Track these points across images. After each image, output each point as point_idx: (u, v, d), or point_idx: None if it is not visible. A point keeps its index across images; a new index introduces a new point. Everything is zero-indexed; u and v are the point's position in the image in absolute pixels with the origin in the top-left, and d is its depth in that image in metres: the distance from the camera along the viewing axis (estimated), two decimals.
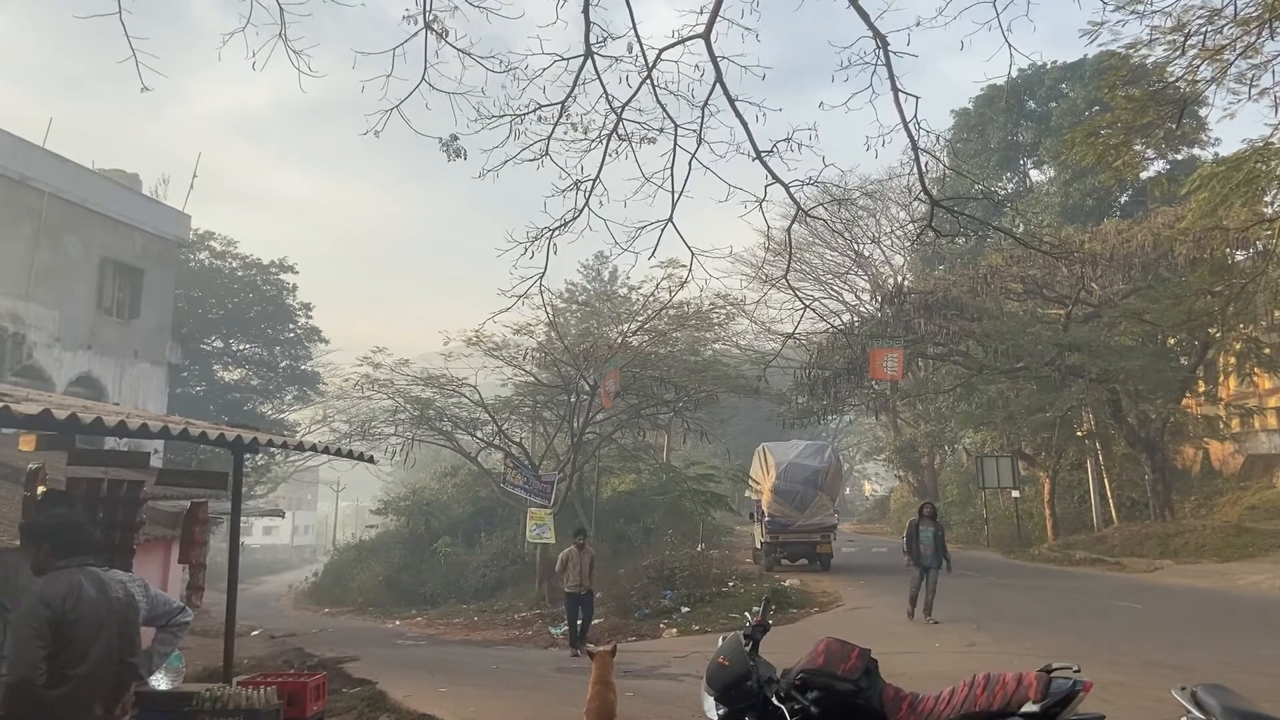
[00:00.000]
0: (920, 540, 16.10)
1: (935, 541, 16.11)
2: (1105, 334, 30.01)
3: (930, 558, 16.03)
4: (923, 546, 16.06)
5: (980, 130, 47.08)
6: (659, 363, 32.91)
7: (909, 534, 16.39)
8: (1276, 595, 17.81)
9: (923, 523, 16.30)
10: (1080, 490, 36.70)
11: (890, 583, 24.04)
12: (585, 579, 16.02)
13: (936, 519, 16.55)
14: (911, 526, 16.48)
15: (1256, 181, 18.61)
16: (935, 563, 16.01)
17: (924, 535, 16.13)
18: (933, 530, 16.19)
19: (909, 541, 16.31)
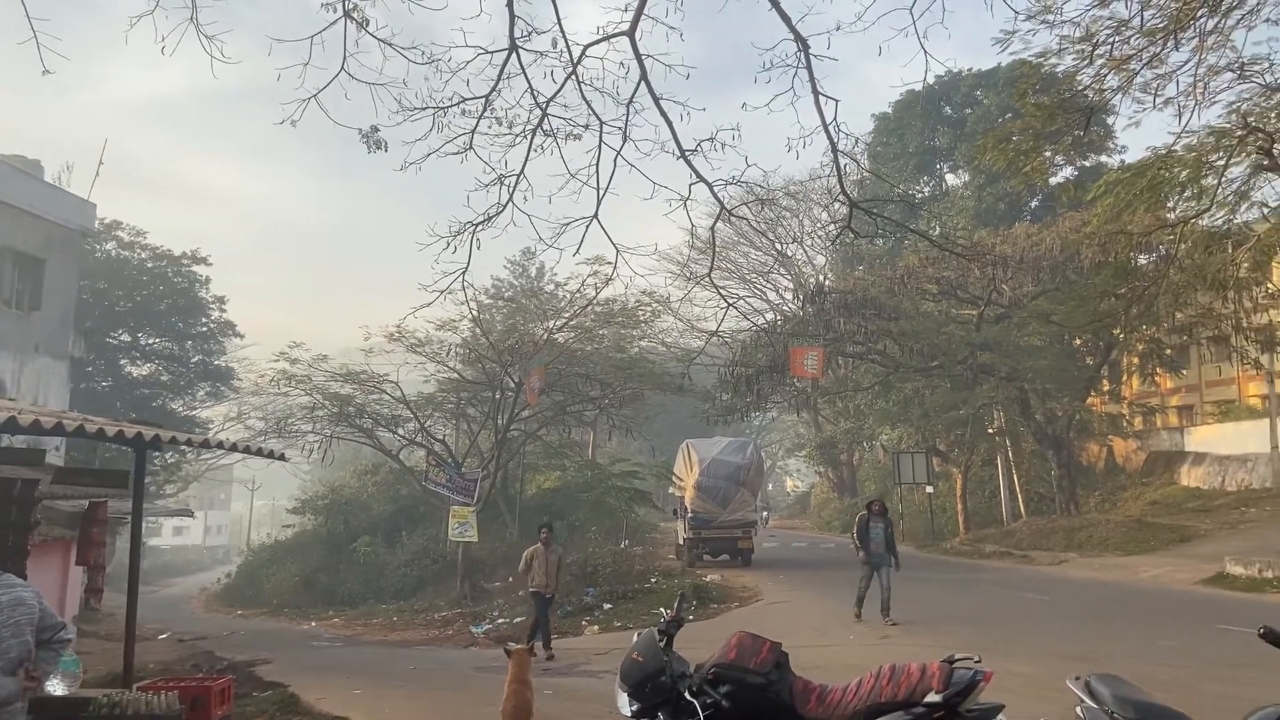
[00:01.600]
0: (871, 537, 15.42)
1: (886, 538, 15.43)
2: (1015, 334, 30.98)
3: (881, 555, 15.35)
4: (873, 543, 15.38)
5: (899, 134, 48.10)
6: (585, 360, 32.84)
7: (859, 530, 15.67)
8: (1176, 587, 18.58)
9: (873, 519, 15.60)
10: (991, 486, 37.80)
11: (808, 576, 24.45)
12: (552, 578, 15.01)
13: (886, 515, 15.89)
14: (861, 522, 15.76)
15: (1159, 188, 19.37)
16: (886, 560, 15.35)
17: (874, 532, 15.44)
18: (883, 526, 15.51)
19: (860, 537, 15.60)
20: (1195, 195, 19.48)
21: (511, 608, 23.04)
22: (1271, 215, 20.17)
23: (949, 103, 47.07)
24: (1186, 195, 19.80)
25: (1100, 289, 24.76)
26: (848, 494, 53.79)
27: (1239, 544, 21.61)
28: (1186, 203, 20.31)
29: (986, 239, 31.67)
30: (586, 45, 8.46)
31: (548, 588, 14.93)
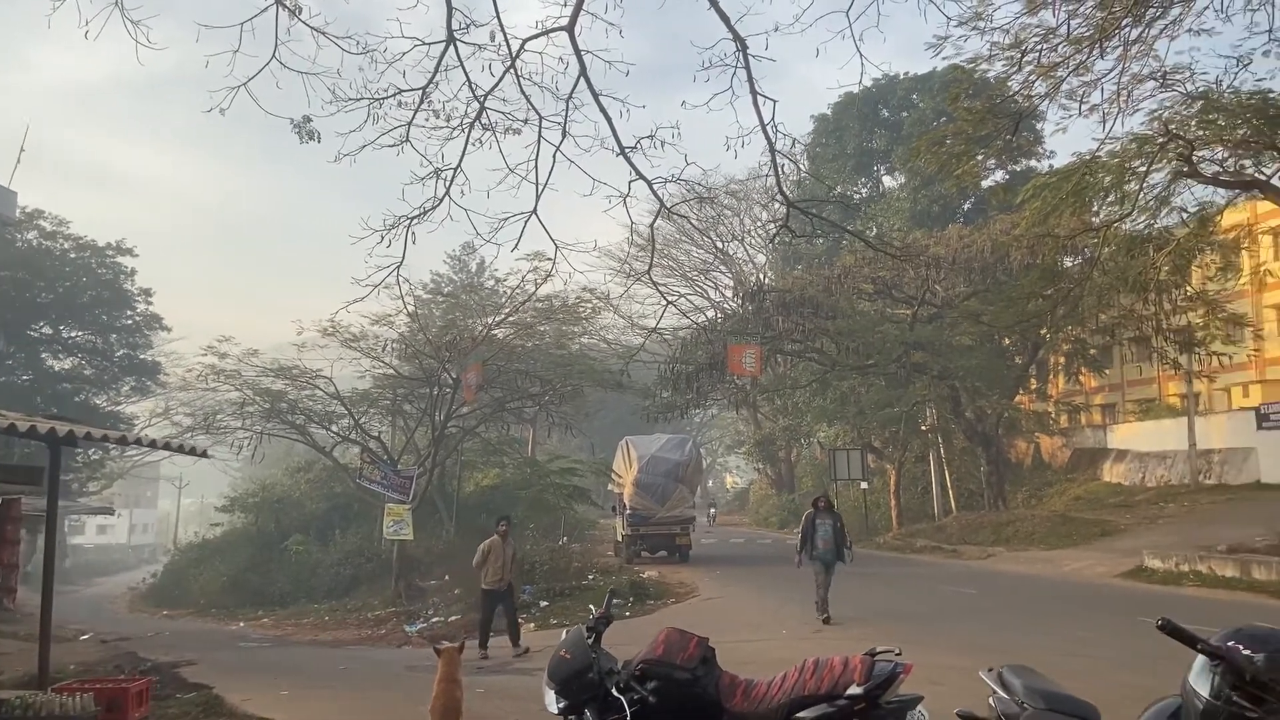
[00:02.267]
0: (818, 534, 14.89)
1: (835, 535, 14.97)
2: (947, 333, 31.62)
3: (829, 553, 14.85)
4: (821, 541, 14.87)
5: (838, 136, 48.71)
6: (525, 356, 32.66)
7: (805, 528, 15.07)
8: (1096, 580, 19.15)
9: (819, 515, 15.05)
10: (923, 482, 38.54)
11: (745, 572, 24.67)
12: (507, 572, 14.46)
13: (833, 510, 15.44)
14: (807, 520, 15.15)
15: (1084, 192, 19.90)
16: (835, 558, 14.90)
17: (822, 529, 14.91)
18: (831, 522, 15.02)
19: (804, 538, 15.03)
20: (1118, 200, 20.07)
21: (447, 606, 22.84)
22: (1190, 220, 20.89)
23: (886, 106, 47.81)
24: (1110, 200, 20.40)
25: (1028, 290, 25.38)
26: (786, 490, 54.38)
27: (1157, 538, 22.35)
28: (1110, 207, 20.93)
29: (921, 240, 32.25)
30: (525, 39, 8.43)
31: (501, 582, 14.35)
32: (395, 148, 8.85)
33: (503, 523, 14.99)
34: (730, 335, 31.07)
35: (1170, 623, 2.91)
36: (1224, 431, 31.51)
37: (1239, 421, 30.90)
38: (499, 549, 14.39)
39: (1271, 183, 18.28)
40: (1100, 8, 16.90)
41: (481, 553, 14.48)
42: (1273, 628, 2.88)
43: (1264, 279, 28.07)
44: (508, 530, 14.77)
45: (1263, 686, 2.68)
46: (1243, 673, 2.71)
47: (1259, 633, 2.82)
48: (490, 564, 14.35)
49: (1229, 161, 18.91)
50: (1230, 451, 30.58)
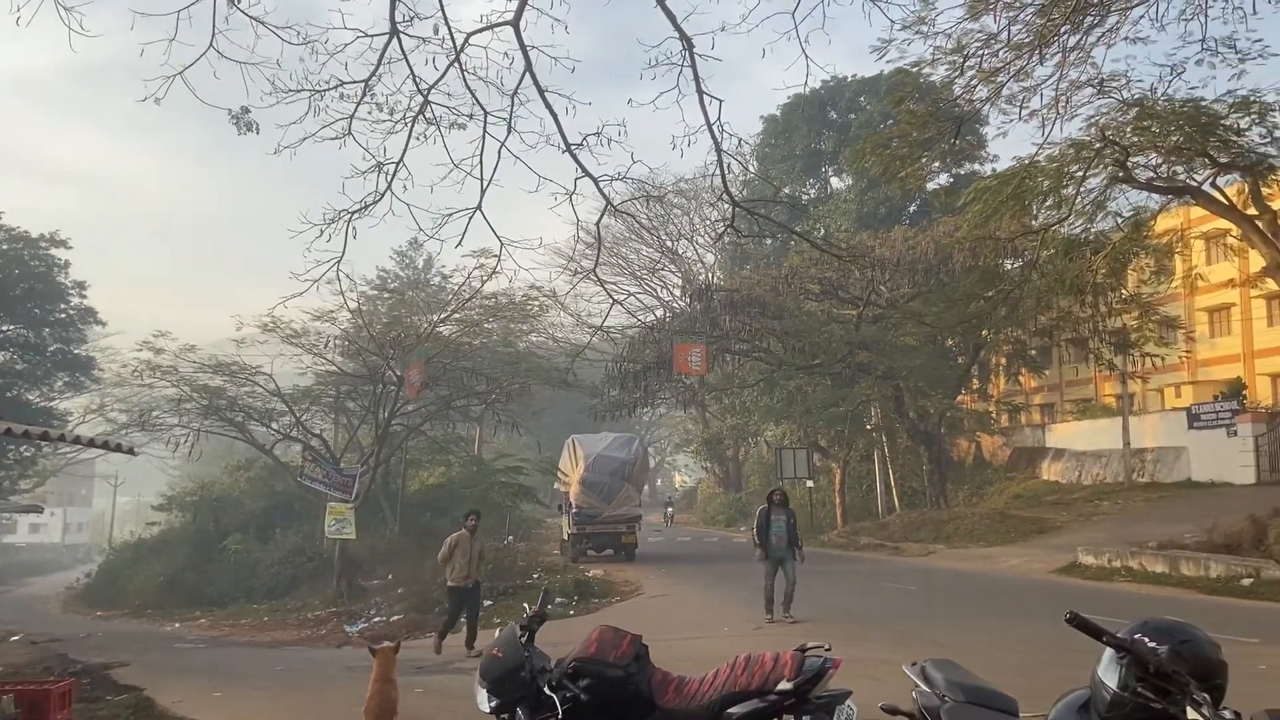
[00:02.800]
0: (772, 530, 14.43)
1: (788, 531, 14.54)
2: (891, 334, 32.08)
3: (783, 549, 14.45)
4: (775, 537, 14.42)
5: (786, 137, 49.08)
6: (472, 354, 32.45)
7: (759, 524, 14.63)
8: (1032, 577, 19.53)
9: (774, 511, 14.58)
10: (868, 480, 39.03)
11: (690, 570, 24.75)
12: (474, 568, 13.84)
13: (788, 506, 14.96)
14: (762, 515, 14.69)
15: (1024, 196, 20.31)
16: (789, 554, 14.50)
17: (775, 525, 14.46)
18: (785, 519, 14.57)
19: (759, 532, 14.57)
20: (1056, 204, 20.49)
21: (390, 605, 22.58)
22: (1125, 225, 21.42)
23: (834, 108, 48.31)
24: (1048, 204, 20.83)
25: (970, 291, 25.83)
26: (733, 489, 54.72)
27: (1091, 535, 22.87)
28: (1049, 211, 21.37)
29: (867, 241, 32.64)
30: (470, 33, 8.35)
31: (468, 579, 13.77)
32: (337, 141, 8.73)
33: (471, 517, 14.39)
34: (678, 334, 31.19)
35: (1078, 616, 2.96)
36: (1157, 431, 32.38)
37: (1171, 422, 31.78)
38: (466, 544, 13.81)
39: (1203, 189, 18.82)
40: (1040, 14, 17.23)
41: (448, 546, 13.87)
42: (1178, 620, 2.94)
43: (1195, 283, 28.87)
44: (476, 525, 14.22)
45: (1166, 678, 2.73)
46: (1147, 665, 2.76)
47: (1164, 625, 2.89)
48: (456, 560, 13.75)
49: (1163, 168, 19.42)
50: (1163, 451, 31.43)
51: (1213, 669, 2.79)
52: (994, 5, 17.26)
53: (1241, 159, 18.03)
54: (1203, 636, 2.87)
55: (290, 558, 30.99)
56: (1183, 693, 2.71)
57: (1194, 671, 2.74)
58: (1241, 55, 17.40)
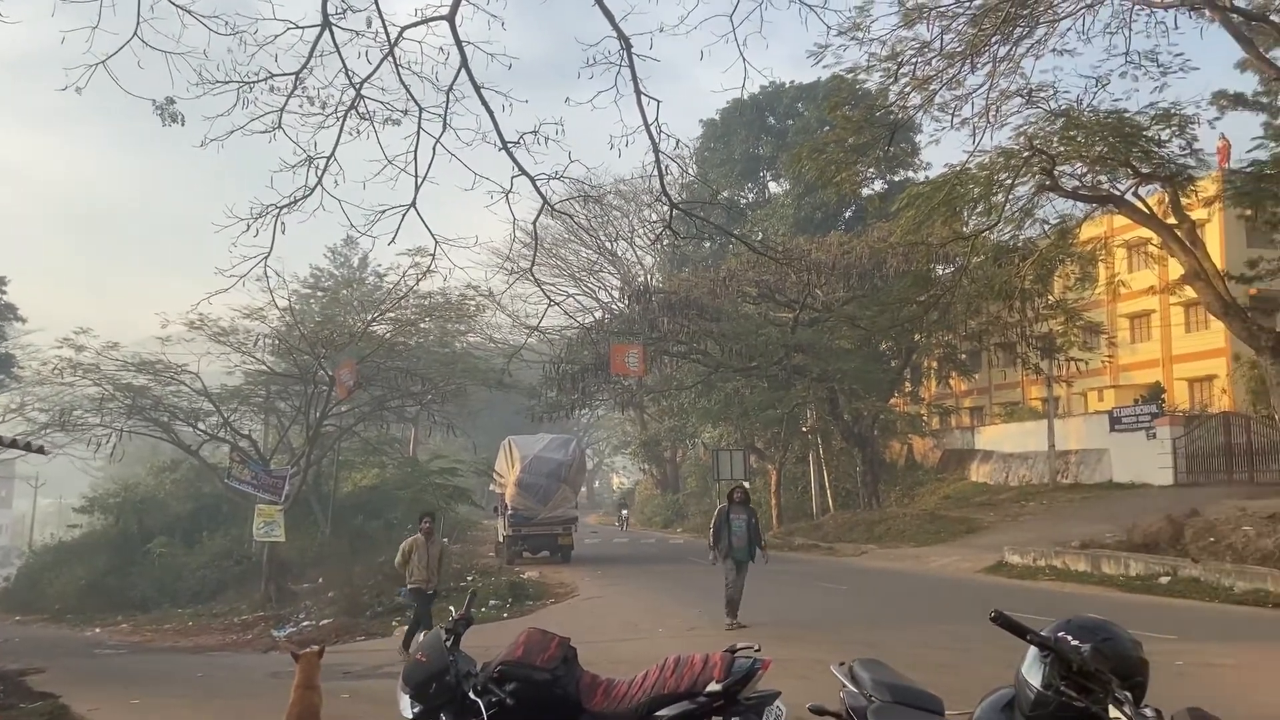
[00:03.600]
0: (732, 530, 13.48)
1: (749, 531, 13.61)
2: (826, 337, 32.42)
3: (743, 550, 13.51)
4: (734, 538, 13.48)
5: (725, 141, 49.36)
6: (407, 354, 32.01)
7: (717, 523, 13.69)
8: (960, 576, 19.86)
9: (734, 509, 13.65)
10: (803, 481, 39.41)
11: (626, 572, 24.68)
12: (434, 572, 13.40)
13: (749, 505, 14.07)
14: (720, 515, 13.73)
15: (955, 203, 20.65)
16: (749, 556, 13.58)
17: (736, 525, 13.52)
18: (746, 518, 13.64)
19: (716, 532, 13.64)
20: (986, 211, 20.89)
21: (320, 609, 22.09)
22: (1052, 232, 21.91)
23: (773, 113, 48.71)
24: (979, 210, 21.22)
25: (903, 296, 26.20)
26: (671, 490, 54.86)
27: (1017, 535, 23.36)
28: (979, 217, 21.77)
29: (803, 246, 32.91)
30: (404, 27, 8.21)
31: (429, 583, 13.27)
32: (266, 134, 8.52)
33: (426, 520, 13.97)
34: (616, 335, 31.11)
35: (1002, 615, 2.94)
36: (1081, 434, 33.24)
37: (1094, 425, 32.66)
38: (422, 548, 13.40)
39: (1126, 198, 19.34)
40: (972, 24, 17.59)
41: (403, 553, 13.49)
42: (1100, 619, 2.94)
43: (1118, 289, 29.65)
44: (432, 528, 13.80)
45: (1089, 676, 2.72)
46: (1070, 663, 2.75)
47: (1086, 623, 2.88)
48: (414, 565, 13.36)
49: (1088, 177, 19.92)
50: (1086, 452, 32.26)
51: (1134, 667, 2.79)
52: (928, 14, 17.59)
53: (1162, 169, 18.58)
54: (1124, 634, 2.87)
55: (217, 561, 30.16)
56: (1105, 691, 2.70)
57: (1116, 669, 2.73)
58: (1163, 69, 17.99)
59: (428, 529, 13.72)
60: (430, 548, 13.49)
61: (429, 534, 13.63)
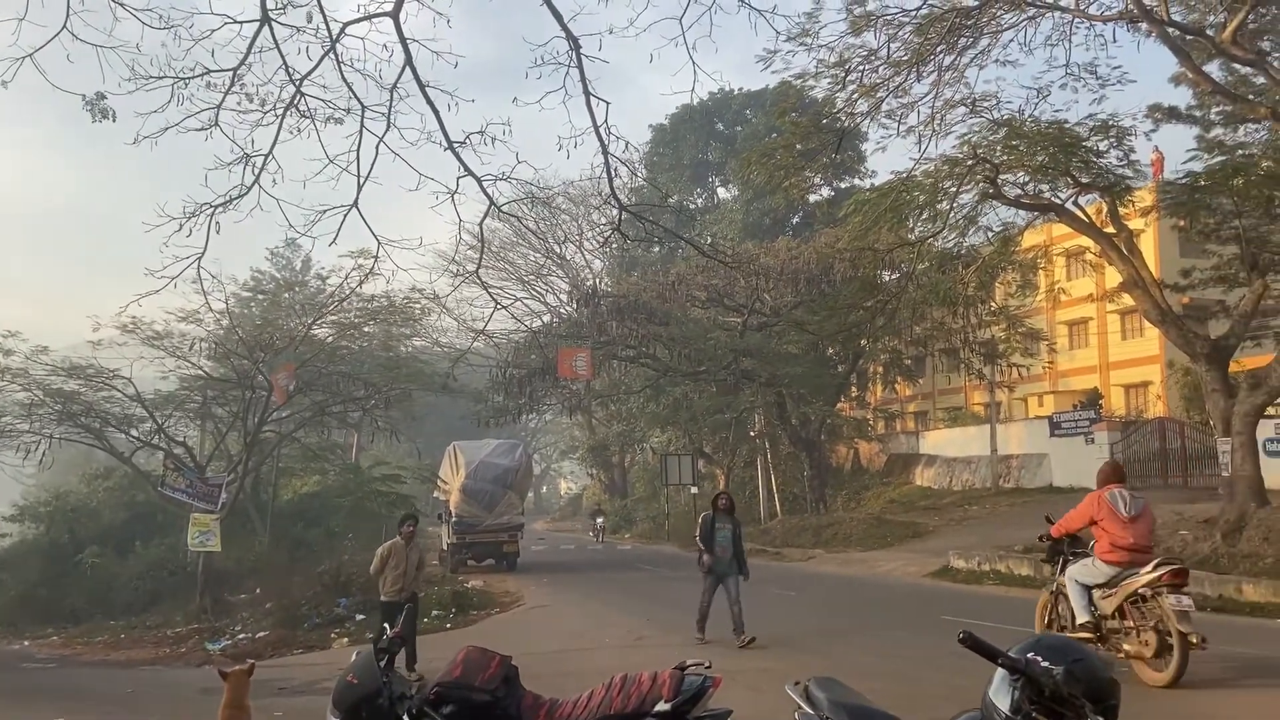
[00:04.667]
0: (717, 540, 12.74)
1: (734, 542, 12.84)
2: (775, 342, 32.52)
3: (726, 563, 12.70)
4: (719, 548, 12.71)
5: (674, 146, 49.47)
6: (349, 358, 31.37)
7: (704, 531, 12.93)
8: (908, 580, 19.94)
9: (719, 518, 12.95)
10: (751, 486, 39.47)
11: (573, 579, 24.43)
12: (410, 581, 12.22)
13: (734, 514, 13.31)
14: (706, 523, 12.99)
15: (901, 209, 20.72)
16: (733, 569, 12.75)
17: (720, 535, 12.79)
18: (730, 528, 12.93)
19: (705, 541, 12.83)
20: (931, 218, 21.01)
21: (257, 621, 21.49)
22: (995, 239, 22.15)
23: (722, 119, 48.94)
24: (924, 217, 21.33)
25: (850, 301, 26.30)
26: (619, 495, 54.64)
27: (962, 539, 23.57)
28: (924, 224, 21.89)
29: (752, 250, 33.05)
30: (346, 23, 8.04)
31: (403, 592, 12.00)
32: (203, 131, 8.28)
33: (408, 523, 12.86)
34: (564, 339, 30.85)
35: (971, 636, 2.78)
36: (1021, 438, 33.75)
37: (1035, 429, 33.18)
38: (401, 553, 12.28)
39: (1066, 207, 19.59)
40: (918, 33, 17.70)
41: (380, 558, 12.37)
42: (1069, 638, 2.80)
43: (1058, 297, 30.24)
44: (414, 532, 12.66)
45: (1061, 701, 2.58)
46: (1041, 687, 2.60)
47: (1056, 644, 2.74)
48: (390, 571, 12.24)
49: (1029, 185, 20.13)
50: (1026, 457, 32.77)
51: (1106, 689, 2.65)
52: (875, 22, 17.67)
53: (1101, 179, 18.85)
54: (1094, 655, 2.73)
55: (151, 572, 29.19)
56: (1078, 715, 2.55)
57: (1088, 692, 2.59)
58: (1102, 81, 18.30)
59: (409, 533, 12.62)
60: (410, 554, 12.38)
61: (410, 538, 12.55)
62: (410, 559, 12.31)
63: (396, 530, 13.39)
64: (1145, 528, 8.85)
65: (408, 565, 12.25)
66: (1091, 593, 8.90)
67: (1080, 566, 9.09)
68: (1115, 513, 8.78)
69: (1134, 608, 8.53)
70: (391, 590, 12.19)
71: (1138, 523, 8.79)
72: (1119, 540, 8.70)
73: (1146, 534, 8.85)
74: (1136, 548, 8.69)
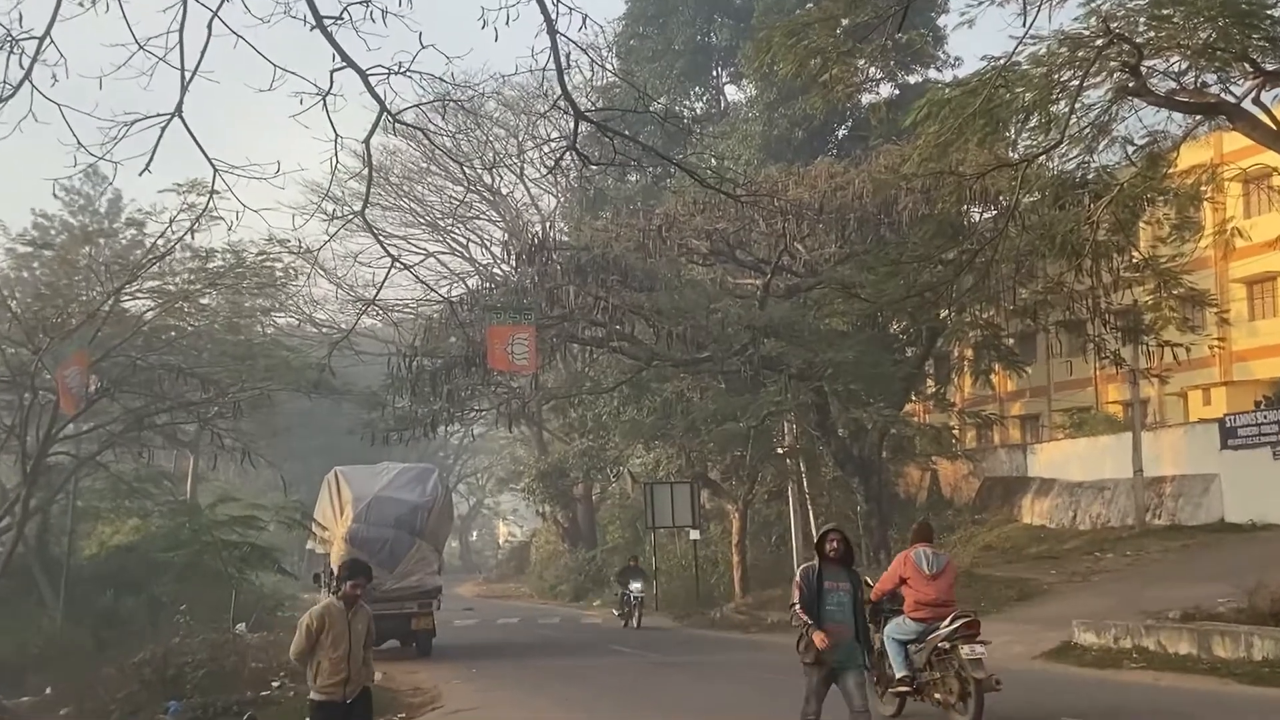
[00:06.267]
0: (826, 604, 11.24)
1: (854, 609, 11.42)
2: (811, 314, 32.33)
3: (846, 645, 11.23)
4: (831, 623, 11.17)
5: (660, 24, 49.29)
6: (180, 344, 31.32)
7: (806, 594, 11.36)
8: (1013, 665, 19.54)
9: (828, 570, 11.41)
10: (779, 528, 39.47)
11: (516, 670, 24.31)
12: (357, 667, 10.86)
13: (852, 564, 11.85)
14: (809, 577, 11.44)
15: (997, 114, 20.59)
16: (856, 656, 11.38)
17: (834, 599, 11.30)
18: (849, 586, 11.48)
19: (808, 608, 11.26)
20: (1043, 126, 20.90)
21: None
22: (1137, 157, 22.05)
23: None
24: (1032, 126, 21.22)
25: (922, 252, 26.20)
26: (583, 544, 54.55)
27: (1091, 603, 23.50)
28: (1032, 136, 21.79)
29: (777, 179, 32.85)
30: None
31: (347, 685, 10.77)
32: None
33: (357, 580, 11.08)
34: (498, 313, 30.55)
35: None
36: (1179, 452, 33.76)
37: (1198, 438, 33.12)
38: (340, 622, 10.81)
39: (1243, 106, 19.50)
40: None
41: (306, 632, 10.83)
42: None
43: (1232, 243, 30.00)
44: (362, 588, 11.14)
45: None
46: None
47: None
48: (324, 652, 10.76)
49: (1189, 76, 20.06)
50: (1186, 480, 32.82)
51: None
52: None
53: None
54: None
55: None
56: None
57: None
58: None
59: (355, 592, 11.04)
60: (355, 623, 10.92)
61: (353, 600, 11.04)
62: (355, 631, 10.91)
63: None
64: (946, 583, 13.25)
65: (351, 642, 10.88)
66: (907, 648, 13.12)
67: (894, 624, 13.39)
68: (920, 571, 13.12)
69: (938, 659, 12.82)
70: (328, 683, 10.77)
71: (939, 579, 13.16)
72: (923, 597, 13.04)
73: (948, 589, 13.25)
74: (939, 603, 13.01)
